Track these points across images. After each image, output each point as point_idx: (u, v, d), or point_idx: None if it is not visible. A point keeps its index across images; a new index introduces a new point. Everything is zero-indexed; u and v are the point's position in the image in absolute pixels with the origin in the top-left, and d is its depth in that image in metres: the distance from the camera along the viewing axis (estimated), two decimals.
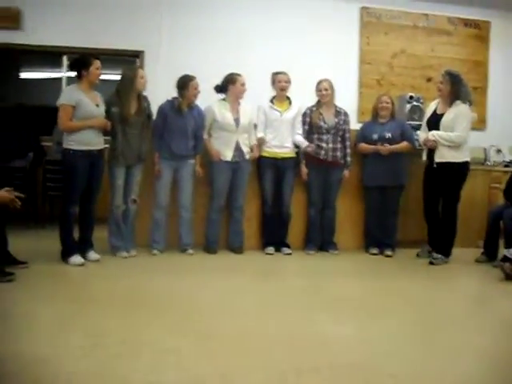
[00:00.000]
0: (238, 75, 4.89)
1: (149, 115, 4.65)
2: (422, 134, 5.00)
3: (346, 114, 5.17)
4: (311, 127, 5.09)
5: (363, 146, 5.19)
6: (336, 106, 5.15)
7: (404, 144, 5.13)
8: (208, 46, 6.47)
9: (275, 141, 5.02)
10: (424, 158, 5.00)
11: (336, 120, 5.08)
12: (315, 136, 5.08)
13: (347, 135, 5.15)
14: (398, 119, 5.35)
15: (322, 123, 5.05)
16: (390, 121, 5.20)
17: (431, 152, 4.87)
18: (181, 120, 4.69)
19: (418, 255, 5.15)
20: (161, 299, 3.50)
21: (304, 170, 5.08)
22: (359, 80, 6.93)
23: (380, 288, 4.00)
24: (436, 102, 5.00)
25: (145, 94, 4.62)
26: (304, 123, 5.09)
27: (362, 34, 6.93)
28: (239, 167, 4.92)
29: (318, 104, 5.12)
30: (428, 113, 5.04)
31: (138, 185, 4.65)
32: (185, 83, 4.69)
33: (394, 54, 7.01)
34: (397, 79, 6.96)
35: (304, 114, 5.11)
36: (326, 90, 5.05)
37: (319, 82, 5.10)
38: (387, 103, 5.17)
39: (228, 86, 4.89)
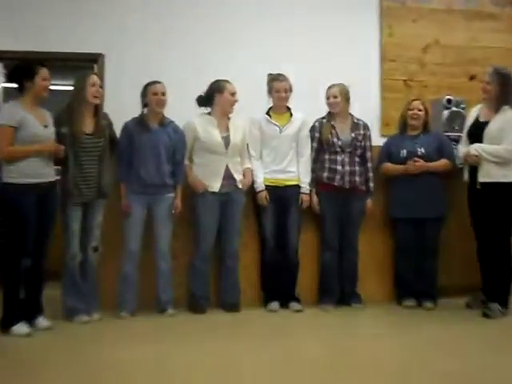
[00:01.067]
0: (227, 82, 4.94)
1: (111, 137, 4.67)
2: (463, 148, 5.03)
3: (366, 127, 5.21)
4: (321, 145, 5.11)
5: (388, 166, 5.21)
6: (353, 117, 5.20)
7: (442, 162, 5.15)
8: (187, 48, 6.54)
9: (275, 164, 5.05)
10: (465, 177, 5.03)
11: (353, 135, 5.11)
12: (326, 156, 5.10)
13: (368, 154, 5.18)
14: (433, 131, 5.38)
15: (334, 139, 5.08)
16: (423, 133, 5.23)
17: (474, 170, 4.90)
18: (150, 139, 4.73)
19: (467, 306, 5.13)
20: (132, 378, 3.45)
21: (315, 199, 5.08)
22: (381, 82, 6.95)
23: (420, 355, 3.93)
24: (478, 107, 5.05)
25: (106, 111, 4.68)
26: (312, 139, 5.14)
27: (382, 23, 6.98)
28: (230, 200, 4.93)
29: (330, 115, 5.16)
30: (469, 121, 5.08)
31: (99, 228, 4.65)
32: (144, 89, 4.78)
33: (426, 46, 7.04)
34: (430, 79, 6.98)
35: (312, 129, 5.16)
36: (336, 97, 5.10)
37: (328, 88, 5.16)
38: (419, 111, 5.20)
39: (214, 96, 4.93)
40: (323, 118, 5.18)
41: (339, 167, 5.06)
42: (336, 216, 5.11)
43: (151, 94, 4.74)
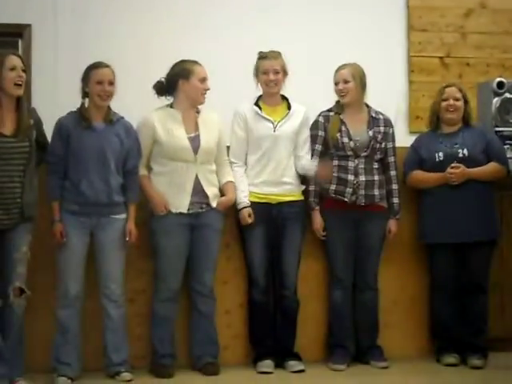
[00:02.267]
0: (195, 64, 4.94)
1: (40, 140, 4.63)
2: None
3: (387, 123, 5.22)
4: (327, 147, 5.11)
5: (419, 174, 5.20)
6: (370, 109, 5.21)
7: (491, 166, 5.13)
8: (145, 19, 6.38)
9: (266, 173, 5.04)
10: None
11: (370, 133, 5.11)
12: (335, 163, 5.10)
13: (391, 159, 5.19)
14: (477, 126, 5.36)
15: (344, 139, 5.07)
16: (463, 129, 5.22)
17: None
18: (94, 141, 4.71)
19: None
20: None
21: (318, 220, 5.09)
22: (408, 61, 6.91)
23: None
24: None
25: (34, 104, 4.73)
26: (315, 140, 5.14)
27: None
28: (202, 224, 4.92)
29: (339, 107, 5.16)
30: None
31: (24, 263, 4.56)
32: (85, 74, 4.75)
33: (468, 10, 7.03)
34: (475, 54, 6.95)
35: (315, 125, 5.16)
36: (347, 81, 5.09)
37: (336, 70, 5.15)
38: (456, 100, 5.19)
39: (177, 82, 4.92)
40: (329, 110, 5.19)
41: (351, 177, 5.05)
42: (348, 241, 5.12)
43: (94, 83, 4.71)
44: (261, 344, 5.09)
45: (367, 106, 5.20)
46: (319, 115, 5.18)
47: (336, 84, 5.12)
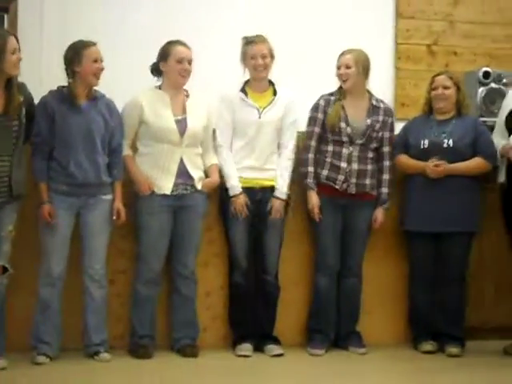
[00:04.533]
0: (176, 43, 4.92)
1: (29, 115, 4.61)
2: (500, 140, 5.08)
3: (387, 112, 5.23)
4: (325, 131, 5.11)
5: (403, 159, 5.21)
6: (372, 97, 5.21)
7: (475, 161, 5.11)
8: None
9: (251, 159, 5.05)
10: (501, 179, 5.08)
11: (368, 121, 5.11)
12: (329, 148, 5.11)
13: (387, 149, 5.19)
14: (468, 116, 5.32)
15: (342, 125, 5.06)
16: (456, 118, 5.21)
17: None
18: (79, 120, 4.69)
19: (505, 352, 5.13)
20: None
21: (315, 201, 5.07)
22: (395, 48, 6.92)
23: None
24: None
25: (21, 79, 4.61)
26: (314, 122, 5.13)
27: None
28: (187, 205, 4.92)
29: (340, 92, 5.16)
30: (507, 105, 5.12)
31: (9, 241, 4.57)
32: (75, 53, 4.70)
33: None
34: (462, 43, 6.97)
35: (315, 108, 5.16)
36: (348, 67, 5.09)
37: (340, 55, 5.14)
38: (445, 88, 5.17)
39: (159, 64, 4.95)
40: (331, 94, 5.18)
41: (344, 164, 5.05)
42: (337, 228, 5.14)
43: (89, 61, 4.68)
44: (240, 327, 5.11)
45: (369, 93, 5.19)
46: (320, 98, 5.16)
47: (338, 68, 5.11)
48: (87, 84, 4.72)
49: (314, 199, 5.07)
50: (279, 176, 5.06)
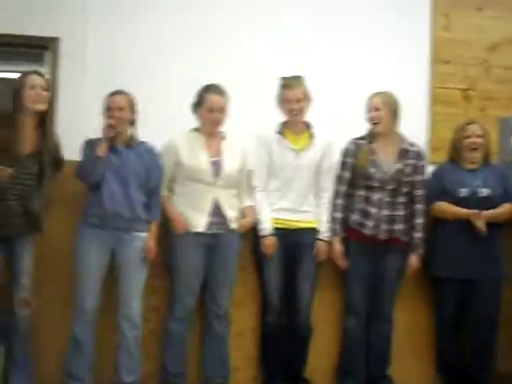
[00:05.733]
0: (210, 91, 4.93)
1: (56, 156, 4.72)
2: None
3: (419, 156, 5.19)
4: (355, 176, 5.10)
5: (445, 206, 5.16)
6: (403, 140, 5.19)
7: (507, 207, 5.12)
8: (169, 36, 6.18)
9: (286, 201, 5.05)
10: None
11: (399, 166, 5.09)
12: (360, 193, 5.10)
13: (419, 192, 5.15)
14: (494, 165, 5.34)
15: (372, 170, 5.05)
16: (484, 167, 5.22)
17: None
18: (115, 159, 4.75)
19: None
20: None
21: (338, 248, 5.07)
22: (431, 92, 6.85)
23: None
24: None
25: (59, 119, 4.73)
26: (343, 167, 5.13)
27: (435, 12, 6.90)
28: (221, 244, 4.93)
29: (370, 135, 5.16)
30: None
31: (29, 274, 4.62)
32: (106, 100, 4.80)
33: (494, 44, 6.98)
34: (497, 89, 6.90)
35: (345, 152, 5.16)
36: (378, 109, 5.09)
37: (369, 98, 5.15)
38: (478, 137, 5.18)
39: (196, 108, 5.00)
40: (361, 138, 5.17)
41: (374, 210, 5.04)
42: (366, 272, 5.11)
43: (107, 110, 4.79)
44: (272, 368, 5.12)
45: (400, 136, 5.17)
46: (350, 142, 5.16)
47: (368, 111, 5.10)
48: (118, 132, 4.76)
49: (337, 247, 5.08)
50: (322, 220, 5.08)
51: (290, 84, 5.05)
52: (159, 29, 5.93)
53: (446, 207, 5.16)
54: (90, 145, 4.73)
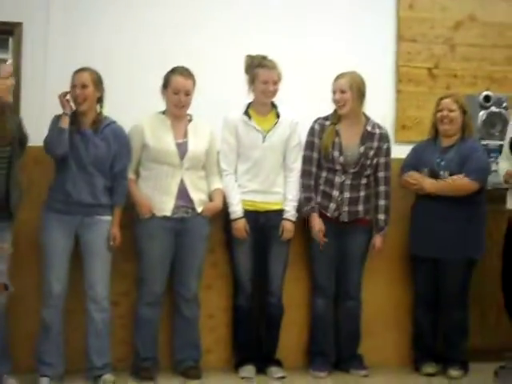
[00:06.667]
0: (176, 73, 4.92)
1: (21, 139, 4.64)
2: (504, 164, 5.08)
3: (383, 138, 5.17)
4: (320, 157, 5.10)
5: (412, 175, 5.18)
6: (368, 122, 5.17)
7: (457, 179, 5.05)
8: (136, 18, 6.21)
9: (255, 182, 5.05)
10: (509, 204, 5.06)
11: (362, 149, 5.08)
12: (323, 174, 5.11)
13: (382, 174, 5.15)
14: (471, 140, 5.29)
15: (335, 153, 5.05)
16: (459, 144, 5.19)
17: None
18: (80, 143, 4.71)
19: (496, 374, 5.08)
20: None
21: (317, 224, 5.05)
22: (396, 70, 6.87)
23: None
24: None
25: (25, 102, 4.76)
26: (311, 147, 5.11)
27: None
28: (188, 228, 4.93)
29: (336, 116, 5.13)
30: (511, 129, 5.13)
31: (6, 260, 4.57)
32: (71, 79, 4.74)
33: (458, 22, 6.99)
34: (462, 67, 6.94)
35: (311, 132, 5.14)
36: (343, 91, 5.06)
37: (335, 79, 5.11)
38: (450, 111, 5.16)
39: (162, 90, 4.98)
40: (326, 118, 5.15)
41: (335, 192, 5.06)
42: (332, 253, 5.12)
43: (74, 88, 4.74)
44: (243, 349, 5.12)
45: (366, 117, 5.16)
46: (315, 122, 5.14)
47: (333, 93, 5.07)
48: (81, 109, 4.75)
49: (316, 224, 5.06)
50: (288, 199, 5.07)
51: (267, 65, 5.02)
52: (121, 13, 5.92)
53: (408, 177, 5.18)
54: (58, 119, 4.69)
